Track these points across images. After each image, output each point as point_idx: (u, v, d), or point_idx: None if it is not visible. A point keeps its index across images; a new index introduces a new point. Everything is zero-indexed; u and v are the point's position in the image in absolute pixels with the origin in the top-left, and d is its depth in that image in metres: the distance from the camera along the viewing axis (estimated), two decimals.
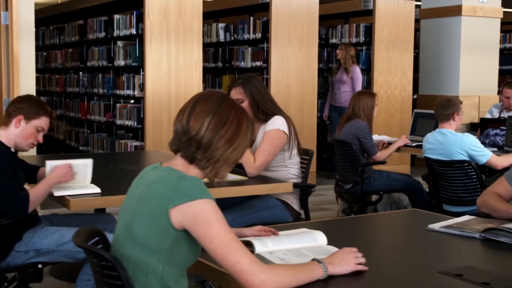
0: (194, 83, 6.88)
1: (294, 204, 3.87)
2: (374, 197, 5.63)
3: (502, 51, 10.45)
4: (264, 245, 2.12)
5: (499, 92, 8.13)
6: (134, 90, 6.99)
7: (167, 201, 1.83)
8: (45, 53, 9.64)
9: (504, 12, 8.96)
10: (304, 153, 4.10)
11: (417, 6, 8.88)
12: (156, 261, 1.86)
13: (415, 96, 8.98)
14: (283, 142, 3.76)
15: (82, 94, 8.32)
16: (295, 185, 3.74)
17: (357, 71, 7.89)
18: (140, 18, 6.75)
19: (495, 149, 5.03)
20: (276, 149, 3.74)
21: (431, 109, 5.29)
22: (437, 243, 2.40)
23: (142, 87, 6.81)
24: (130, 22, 6.99)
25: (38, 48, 9.81)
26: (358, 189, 5.23)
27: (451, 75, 8.48)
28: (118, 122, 7.31)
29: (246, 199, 3.82)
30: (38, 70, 9.95)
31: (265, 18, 7.58)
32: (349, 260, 1.95)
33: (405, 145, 5.53)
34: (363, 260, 1.98)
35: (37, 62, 9.82)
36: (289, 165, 3.86)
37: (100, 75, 7.78)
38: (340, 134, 5.43)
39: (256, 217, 3.73)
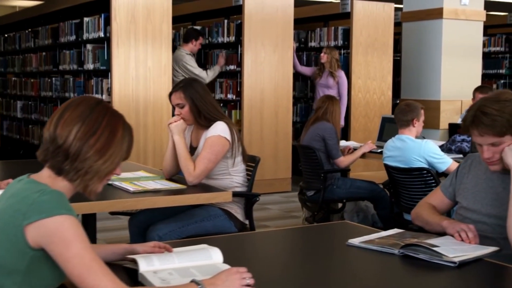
0: (163, 88, 6.72)
1: (238, 214, 3.70)
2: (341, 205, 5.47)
3: (488, 55, 10.28)
4: (150, 263, 1.95)
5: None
6: (102, 95, 6.84)
7: (23, 217, 1.66)
8: (21, 57, 9.48)
9: (490, 15, 8.78)
10: (250, 160, 3.94)
11: (400, 9, 8.72)
12: (11, 284, 1.69)
13: (398, 101, 8.80)
14: (225, 149, 3.59)
15: (55, 99, 8.16)
16: (236, 194, 3.57)
17: (343, 75, 7.71)
18: (108, 21, 6.60)
19: (461, 155, 4.85)
20: (218, 156, 3.57)
21: None
22: (351, 260, 2.23)
23: (109, 91, 6.66)
24: (98, 25, 6.85)
25: (15, 52, 9.71)
26: (320, 197, 5.06)
27: (433, 79, 8.29)
28: None
29: (188, 209, 3.66)
30: (15, 74, 9.84)
31: (239, 21, 7.42)
32: (233, 282, 1.78)
33: (371, 151, 5.35)
34: (251, 281, 1.81)
35: (13, 66, 9.72)
36: (232, 173, 3.69)
37: (71, 79, 7.64)
38: (306, 137, 5.27)
39: (196, 228, 3.56)
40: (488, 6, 8.66)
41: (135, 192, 3.27)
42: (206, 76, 7.39)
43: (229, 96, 7.63)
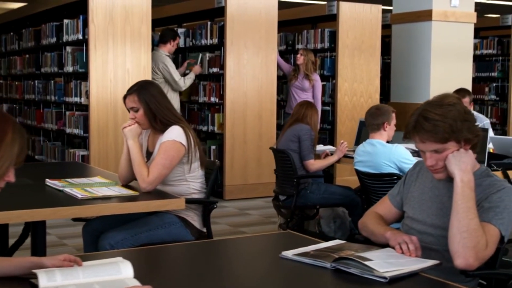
0: None
1: (195, 221, 3.57)
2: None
3: (481, 58, 10.11)
4: (52, 278, 1.83)
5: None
6: (81, 97, 6.73)
7: None
8: (6, 59, 9.40)
9: (482, 17, 8.62)
10: (210, 165, 3.81)
11: (390, 11, 8.58)
12: None
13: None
14: (180, 154, 3.46)
15: (38, 102, 8.07)
16: (190, 201, 3.44)
17: (318, 79, 7.63)
18: (87, 23, 6.49)
19: None
20: (172, 161, 3.44)
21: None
22: (281, 273, 2.09)
23: (88, 94, 6.54)
24: (77, 27, 6.74)
25: (1, 55, 9.63)
26: (292, 202, 4.93)
27: (422, 82, 8.14)
28: (68, 130, 7.05)
29: (143, 216, 3.54)
30: (2, 77, 9.77)
31: (222, 23, 7.30)
32: None
33: (348, 156, 5.20)
34: None
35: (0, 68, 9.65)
36: (189, 179, 3.56)
37: (52, 81, 7.54)
38: (282, 139, 5.15)
39: (149, 236, 3.44)
40: (481, 8, 8.50)
41: (83, 199, 3.14)
42: (184, 85, 7.28)
43: (212, 99, 7.51)
